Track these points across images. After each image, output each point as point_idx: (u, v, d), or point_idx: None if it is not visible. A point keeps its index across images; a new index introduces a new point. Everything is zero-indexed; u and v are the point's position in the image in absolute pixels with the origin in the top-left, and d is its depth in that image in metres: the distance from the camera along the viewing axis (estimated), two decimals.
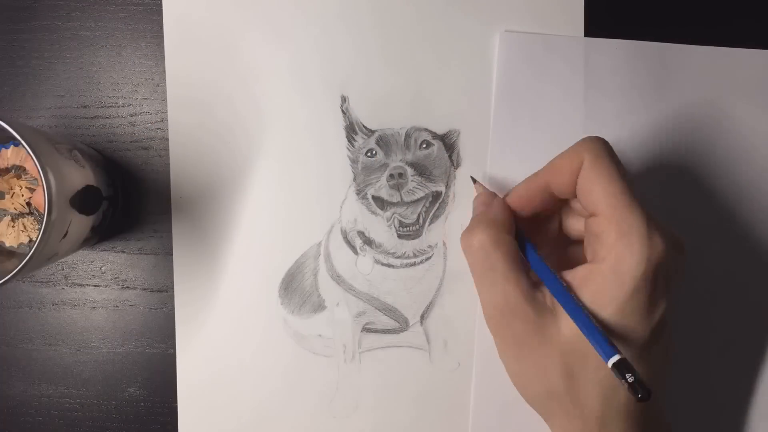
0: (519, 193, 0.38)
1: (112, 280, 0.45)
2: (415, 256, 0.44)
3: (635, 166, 0.44)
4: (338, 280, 0.44)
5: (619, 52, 0.44)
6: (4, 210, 0.40)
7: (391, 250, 0.44)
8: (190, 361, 0.44)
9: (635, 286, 0.33)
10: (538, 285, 0.36)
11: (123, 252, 0.45)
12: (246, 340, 0.44)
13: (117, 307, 0.45)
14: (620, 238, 0.33)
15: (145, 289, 0.45)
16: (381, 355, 0.44)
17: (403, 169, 0.44)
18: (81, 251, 0.45)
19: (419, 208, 0.44)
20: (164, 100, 0.44)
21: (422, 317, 0.44)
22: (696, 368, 0.44)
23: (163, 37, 0.44)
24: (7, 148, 0.39)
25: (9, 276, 0.33)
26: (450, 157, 0.44)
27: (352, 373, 0.44)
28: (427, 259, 0.44)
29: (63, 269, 0.45)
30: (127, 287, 0.45)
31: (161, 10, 0.44)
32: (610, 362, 0.31)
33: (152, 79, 0.45)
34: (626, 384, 0.31)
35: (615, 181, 0.34)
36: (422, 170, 0.44)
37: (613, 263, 0.33)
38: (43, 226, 0.33)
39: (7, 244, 0.40)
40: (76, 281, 0.45)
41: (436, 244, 0.44)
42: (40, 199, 0.39)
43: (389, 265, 0.44)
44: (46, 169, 0.33)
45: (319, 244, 0.44)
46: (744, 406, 0.44)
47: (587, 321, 0.33)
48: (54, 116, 0.45)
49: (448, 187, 0.44)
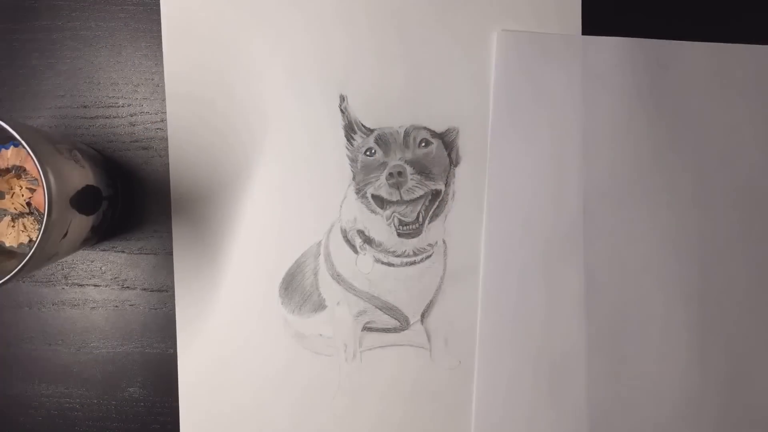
0: None
1: (112, 280, 0.45)
2: (415, 254, 0.44)
3: (633, 162, 0.44)
4: (338, 279, 0.44)
5: (616, 50, 0.44)
6: (4, 210, 0.39)
7: (391, 249, 0.44)
8: (191, 361, 0.44)
9: None
10: None
11: (123, 252, 0.45)
12: (247, 340, 0.44)
13: (117, 307, 0.45)
14: None
15: (145, 289, 0.45)
16: (382, 354, 0.44)
17: (403, 167, 0.44)
18: (81, 251, 0.45)
19: (419, 207, 0.44)
20: (164, 100, 0.44)
21: (423, 316, 0.44)
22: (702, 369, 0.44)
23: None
24: (7, 148, 0.39)
25: (9, 276, 0.33)
26: (449, 156, 0.44)
27: (353, 372, 0.44)
28: (427, 258, 0.44)
29: (63, 269, 0.45)
30: (127, 287, 0.45)
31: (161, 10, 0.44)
32: None
33: (152, 79, 0.45)
34: None
35: None
36: (421, 169, 0.44)
37: None
38: (43, 226, 0.33)
39: (7, 244, 0.40)
40: (76, 281, 0.45)
41: (436, 243, 0.44)
42: (40, 199, 0.39)
43: (389, 264, 0.44)
44: (47, 169, 0.33)
45: (319, 244, 0.44)
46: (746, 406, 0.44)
47: None
48: (54, 116, 0.45)
49: (448, 186, 0.44)
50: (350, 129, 0.44)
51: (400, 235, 0.44)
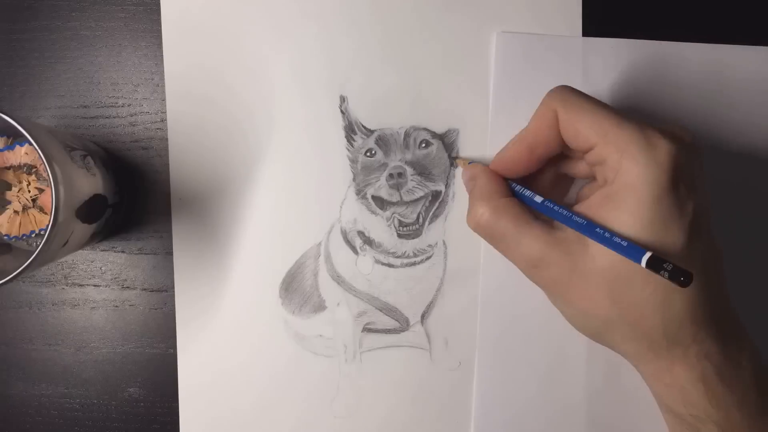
0: (504, 160, 0.38)
1: (112, 280, 0.45)
2: (416, 255, 0.44)
3: None
4: (338, 280, 0.44)
5: (616, 51, 0.44)
6: (9, 201, 0.40)
7: (391, 250, 0.44)
8: (191, 362, 0.44)
9: (654, 195, 0.32)
10: (558, 226, 0.35)
11: (123, 252, 0.45)
12: (247, 341, 0.44)
13: (117, 307, 0.45)
14: (621, 154, 0.33)
15: (145, 289, 0.45)
16: (382, 355, 0.44)
17: (403, 168, 0.44)
18: (81, 251, 0.45)
19: (419, 208, 0.44)
20: (164, 99, 0.44)
21: (423, 317, 0.44)
22: None
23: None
24: (21, 145, 0.39)
25: (5, 280, 0.33)
26: (449, 156, 0.44)
27: (353, 373, 0.44)
28: (428, 259, 0.44)
29: (63, 269, 0.45)
30: (127, 287, 0.45)
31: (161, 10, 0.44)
32: (643, 261, 0.30)
33: (152, 79, 0.45)
34: (666, 274, 0.30)
35: (595, 110, 0.34)
36: (422, 169, 0.44)
37: (623, 180, 0.32)
38: (46, 236, 0.33)
39: (4, 232, 0.39)
40: (76, 281, 0.45)
41: (436, 244, 0.44)
42: (47, 200, 0.39)
43: (389, 265, 0.44)
44: (59, 187, 0.33)
45: (319, 245, 0.44)
46: None
47: (611, 237, 0.32)
48: (54, 116, 0.44)
49: (448, 186, 0.44)
50: (350, 130, 0.44)
51: (400, 236, 0.44)
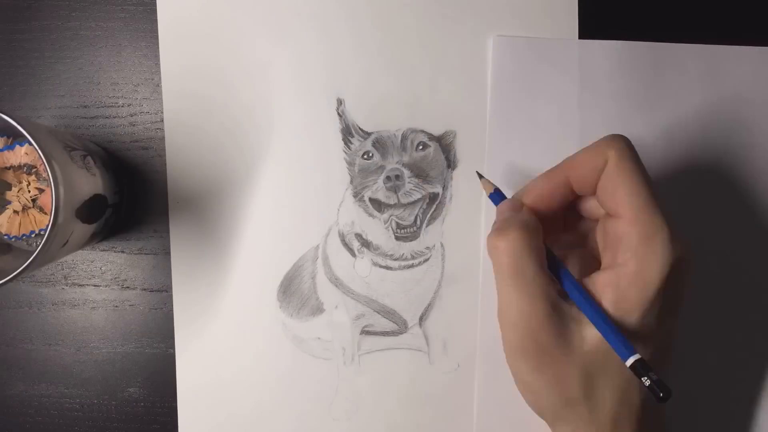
0: (538, 190, 0.37)
1: (112, 280, 0.45)
2: (413, 257, 0.44)
3: None
4: (336, 282, 0.44)
5: (612, 53, 0.44)
6: (9, 201, 0.40)
7: (389, 252, 0.44)
8: (190, 363, 0.44)
9: (657, 291, 0.33)
10: (562, 295, 0.35)
11: (123, 252, 0.45)
12: (245, 343, 0.44)
13: (117, 307, 0.45)
14: (644, 242, 0.33)
15: (144, 289, 0.45)
16: (380, 358, 0.44)
17: (400, 171, 0.43)
18: (81, 251, 0.45)
19: (416, 210, 0.44)
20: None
21: (421, 319, 0.44)
22: (700, 370, 0.44)
23: None
24: (21, 145, 0.39)
25: (5, 280, 0.33)
26: (447, 159, 0.44)
27: (352, 376, 0.44)
28: (425, 261, 0.44)
29: (63, 269, 0.45)
30: (127, 287, 0.45)
31: None
32: (629, 362, 0.31)
33: (152, 79, 0.45)
34: (647, 384, 0.31)
35: (640, 184, 0.34)
36: (419, 172, 0.44)
37: (636, 268, 0.33)
38: (45, 238, 0.33)
39: (3, 231, 0.40)
40: (76, 281, 0.45)
41: (434, 246, 0.44)
42: (47, 200, 0.39)
43: (387, 267, 0.44)
44: (59, 188, 0.33)
45: (317, 247, 0.44)
46: (748, 409, 0.44)
47: (607, 324, 0.33)
48: (54, 116, 0.45)
49: (445, 189, 0.44)
50: (347, 132, 0.44)
51: (397, 238, 0.44)
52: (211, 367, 0.44)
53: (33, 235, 0.40)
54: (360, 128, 0.44)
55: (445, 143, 0.44)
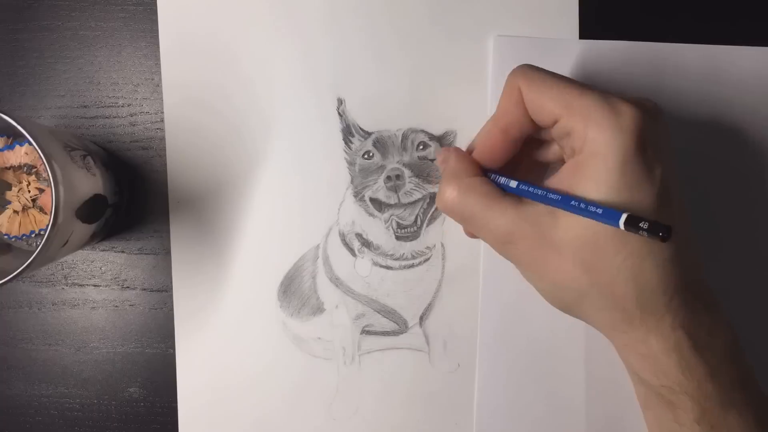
0: (481, 147, 0.37)
1: (112, 280, 0.45)
2: (414, 257, 0.44)
3: None
4: (337, 282, 0.44)
5: (612, 53, 0.44)
6: (9, 201, 0.40)
7: (390, 252, 0.44)
8: (190, 363, 0.44)
9: (621, 160, 0.32)
10: (527, 201, 0.35)
11: (123, 252, 0.45)
12: (245, 343, 0.44)
13: (117, 307, 0.45)
14: (586, 123, 0.33)
15: (144, 289, 0.45)
16: (380, 357, 0.44)
17: (400, 170, 0.43)
18: (81, 251, 0.45)
19: (417, 210, 0.44)
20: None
21: (421, 319, 0.44)
22: None
23: None
24: (21, 145, 0.39)
25: (5, 280, 0.33)
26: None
27: (352, 376, 0.44)
28: (426, 261, 0.44)
29: (63, 269, 0.45)
30: (127, 287, 0.45)
31: None
32: (621, 222, 0.30)
33: (152, 79, 0.45)
34: (644, 233, 0.29)
35: (556, 83, 0.34)
36: (419, 172, 0.44)
37: (589, 148, 0.33)
38: (45, 238, 0.33)
39: (3, 231, 0.40)
40: (76, 281, 0.45)
41: (435, 246, 0.44)
42: (47, 200, 0.39)
43: (387, 267, 0.44)
44: (59, 188, 0.33)
45: (318, 247, 0.44)
46: None
47: (586, 207, 0.32)
48: (54, 116, 0.44)
49: None
50: (348, 132, 0.44)
51: (398, 238, 0.44)
52: (211, 367, 0.44)
53: (33, 235, 0.40)
54: (360, 128, 0.44)
55: (445, 143, 0.44)
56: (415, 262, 0.44)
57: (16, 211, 0.39)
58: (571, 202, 0.32)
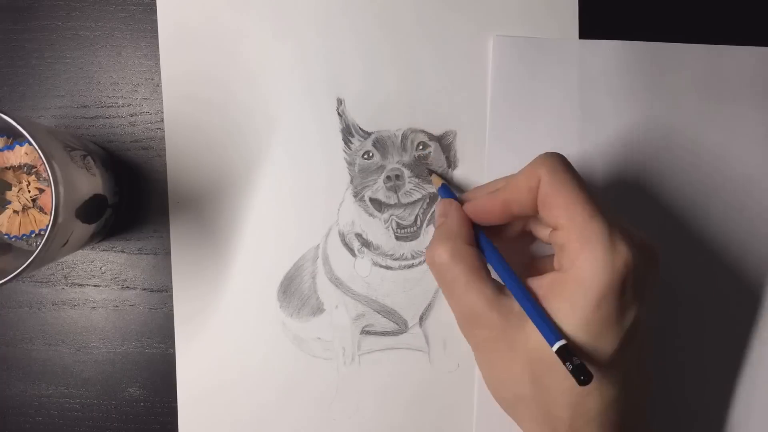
0: (477, 208, 0.38)
1: (112, 280, 0.45)
2: (413, 257, 0.44)
3: (631, 166, 0.43)
4: (337, 282, 0.44)
5: (612, 53, 0.44)
6: (9, 201, 0.40)
7: (389, 252, 0.44)
8: (190, 363, 0.44)
9: (600, 296, 0.32)
10: (507, 294, 0.36)
11: (123, 252, 0.45)
12: (245, 343, 0.44)
13: (117, 307, 0.45)
14: (582, 247, 0.33)
15: (144, 289, 0.45)
16: (380, 357, 0.44)
17: (400, 170, 0.43)
18: (81, 251, 0.45)
19: (417, 210, 0.44)
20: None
21: (421, 319, 0.44)
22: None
23: None
24: (21, 145, 0.39)
25: (5, 280, 0.33)
26: (447, 159, 0.44)
27: (352, 376, 0.44)
28: (425, 261, 0.44)
29: (63, 269, 0.45)
30: (127, 287, 0.45)
31: None
32: (555, 347, 0.31)
33: (152, 79, 0.45)
34: (569, 366, 0.30)
35: (574, 194, 0.34)
36: (419, 172, 0.44)
37: (577, 273, 0.33)
38: (45, 238, 0.33)
39: (3, 231, 0.40)
40: (76, 281, 0.45)
41: None
42: (47, 200, 0.39)
43: (387, 267, 0.44)
44: (59, 188, 0.33)
45: (317, 247, 0.44)
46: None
47: (535, 309, 0.33)
48: (54, 116, 0.44)
49: None
50: (348, 132, 0.44)
51: (398, 238, 0.44)
52: (211, 366, 0.44)
53: (33, 235, 0.40)
54: (360, 128, 0.44)
55: (445, 143, 0.44)
56: (415, 262, 0.44)
57: (16, 211, 0.39)
58: (527, 302, 0.34)
